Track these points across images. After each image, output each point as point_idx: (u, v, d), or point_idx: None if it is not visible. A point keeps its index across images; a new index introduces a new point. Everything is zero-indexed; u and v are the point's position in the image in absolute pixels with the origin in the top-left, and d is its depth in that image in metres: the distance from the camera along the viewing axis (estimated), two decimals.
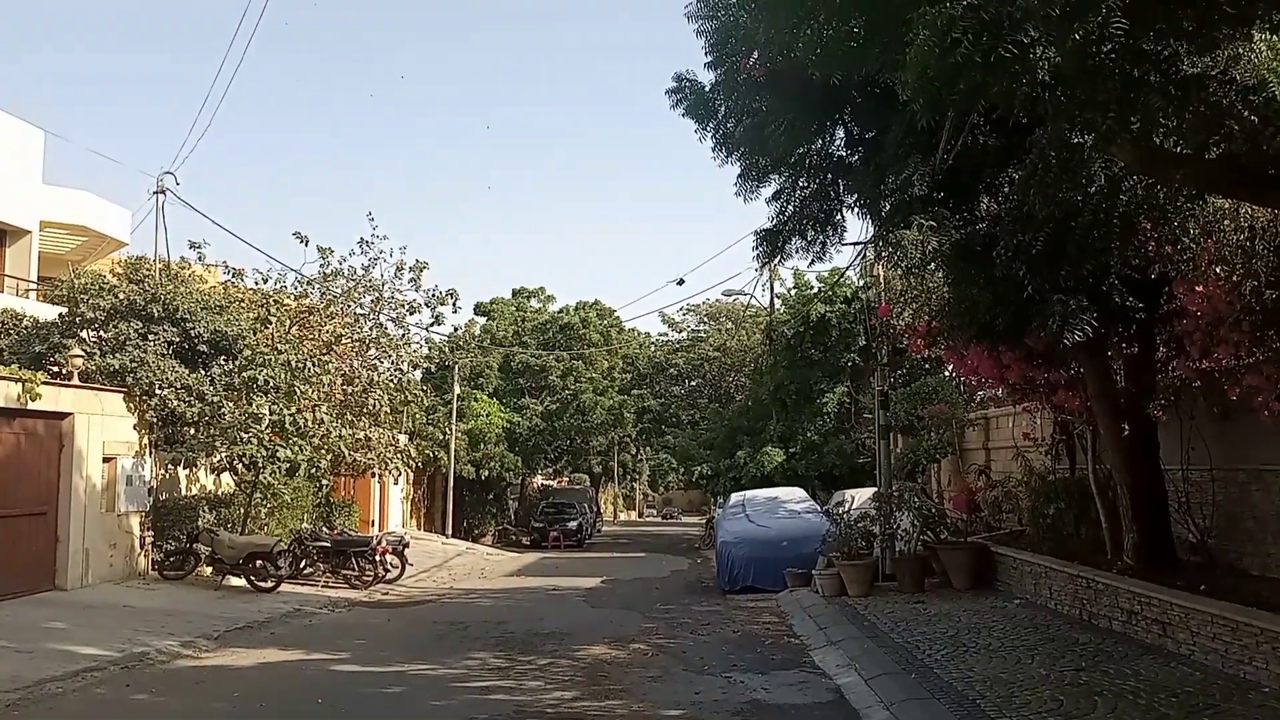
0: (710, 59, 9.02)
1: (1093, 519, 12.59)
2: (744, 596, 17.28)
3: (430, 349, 36.89)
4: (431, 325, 28.76)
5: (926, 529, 15.40)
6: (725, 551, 19.11)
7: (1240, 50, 6.27)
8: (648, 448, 57.44)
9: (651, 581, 21.85)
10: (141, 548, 17.23)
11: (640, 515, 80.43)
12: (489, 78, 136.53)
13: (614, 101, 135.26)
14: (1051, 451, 15.04)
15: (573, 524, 39.39)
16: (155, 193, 22.10)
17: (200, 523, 17.70)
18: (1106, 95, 5.98)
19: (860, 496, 19.53)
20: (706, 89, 9.53)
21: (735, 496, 23.66)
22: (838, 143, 9.72)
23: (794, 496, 22.44)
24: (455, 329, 41.30)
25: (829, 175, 9.88)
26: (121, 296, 18.58)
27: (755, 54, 8.41)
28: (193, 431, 17.87)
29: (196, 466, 18.51)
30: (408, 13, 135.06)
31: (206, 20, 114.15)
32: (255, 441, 17.53)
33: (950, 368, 19.36)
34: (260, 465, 17.70)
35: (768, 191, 10.23)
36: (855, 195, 9.87)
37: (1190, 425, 11.58)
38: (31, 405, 14.70)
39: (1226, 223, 9.03)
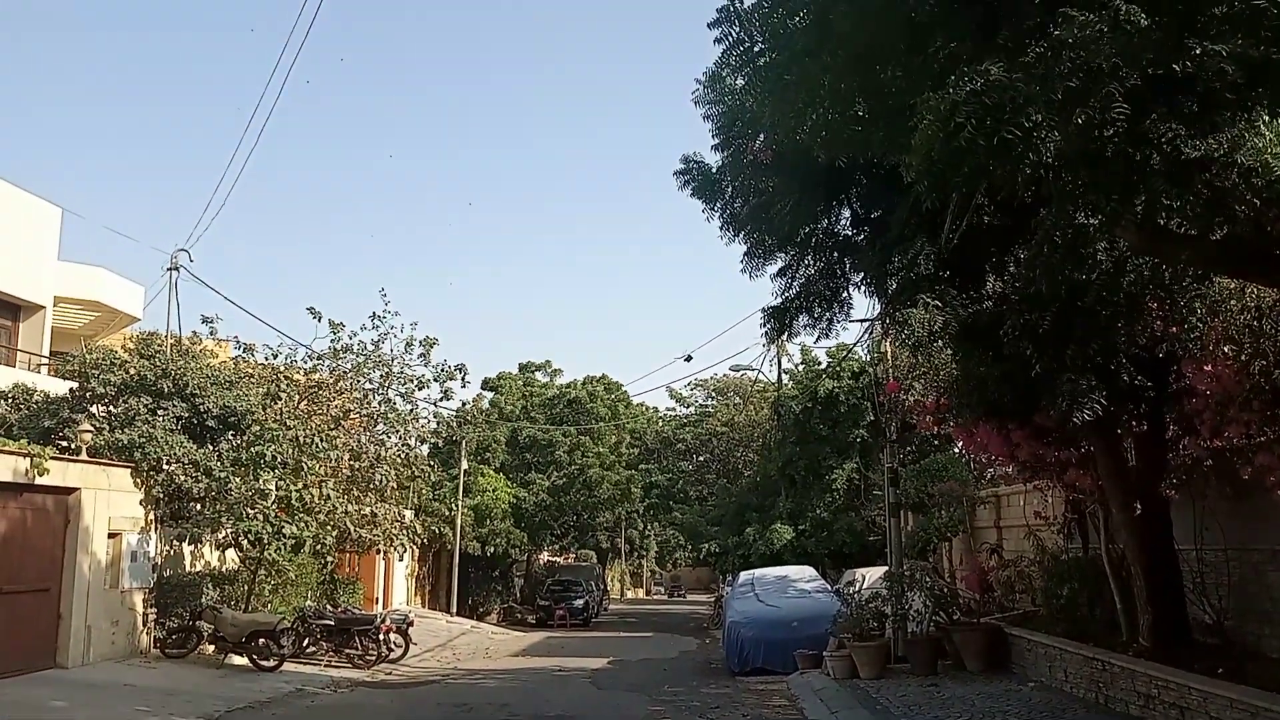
0: (717, 141, 9.20)
1: (1107, 599, 12.40)
2: (754, 678, 16.98)
3: (438, 423, 36.89)
4: (440, 400, 28.82)
5: (939, 609, 15.19)
6: (734, 632, 18.84)
7: (1242, 133, 6.36)
8: (655, 524, 57.00)
9: (659, 662, 21.50)
10: (144, 625, 17.05)
11: (648, 593, 79.47)
12: (498, 154, 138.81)
13: (620, 179, 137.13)
14: (1064, 530, 14.89)
15: (579, 602, 38.90)
16: (169, 269, 22.41)
17: (203, 600, 17.54)
18: (1110, 178, 6.06)
19: (871, 575, 19.30)
20: (713, 170, 9.69)
21: (744, 575, 23.39)
22: (843, 222, 9.85)
23: (804, 575, 22.19)
24: (463, 404, 41.35)
25: (835, 254, 9.99)
26: (132, 372, 18.68)
27: (761, 137, 8.58)
28: (199, 507, 17.82)
29: (201, 542, 18.41)
30: (418, 92, 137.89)
31: (226, 96, 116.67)
32: (261, 517, 17.47)
33: (960, 444, 19.27)
34: (266, 541, 17.60)
35: (774, 269, 10.34)
36: (861, 273, 9.97)
37: (1203, 504, 11.46)
38: (39, 480, 14.69)
39: (1233, 302, 9.06)
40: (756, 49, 7.48)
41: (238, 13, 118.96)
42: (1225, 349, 9.12)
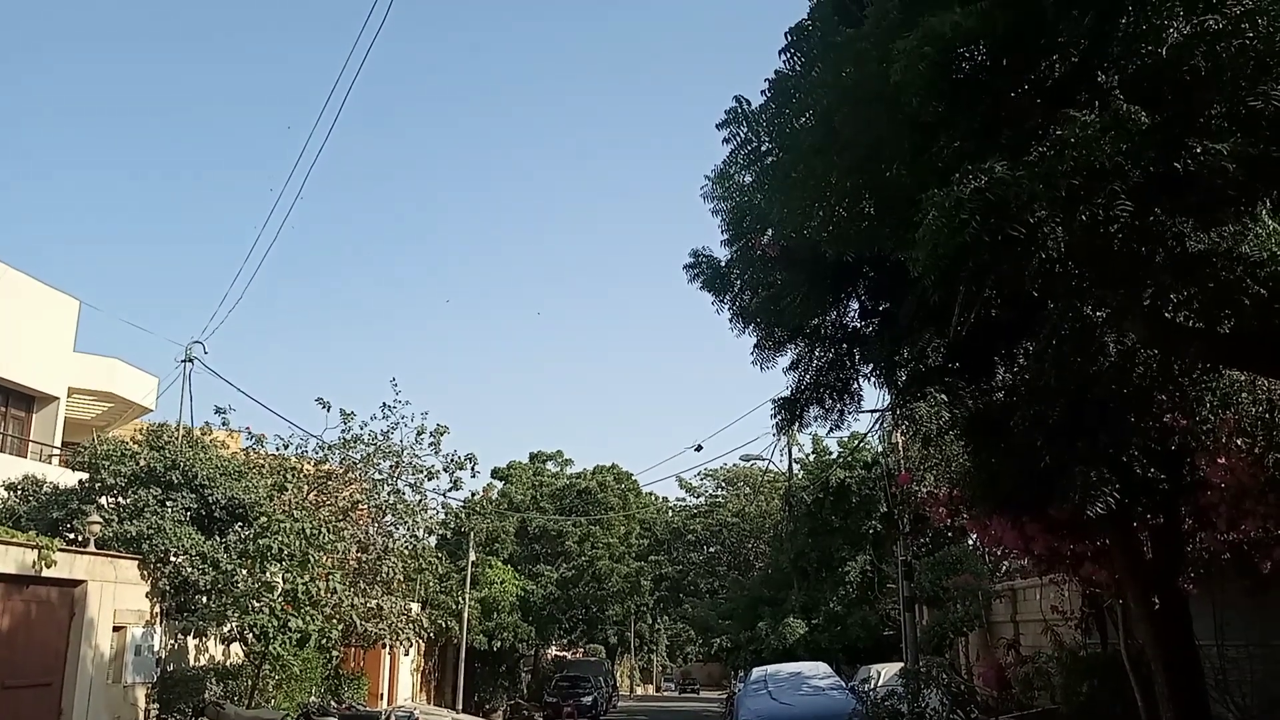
0: (726, 236, 9.29)
1: (1128, 697, 12.10)
2: None
3: (446, 514, 36.68)
4: (450, 490, 28.73)
5: (956, 707, 14.86)
6: None
7: (1246, 226, 6.42)
8: (665, 617, 56.14)
9: None
10: None
11: (658, 689, 77.84)
12: (506, 250, 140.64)
13: (630, 270, 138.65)
14: (1081, 625, 14.62)
15: (587, 699, 38.11)
16: (182, 361, 22.60)
17: (207, 695, 17.28)
18: (1116, 273, 6.11)
19: (886, 672, 18.92)
20: (722, 264, 9.78)
21: (757, 671, 22.94)
22: (852, 314, 9.88)
23: (818, 672, 21.74)
24: (472, 494, 41.19)
25: (844, 345, 10.00)
26: (142, 463, 18.70)
27: (769, 232, 8.68)
28: (205, 600, 17.66)
29: (206, 636, 18.20)
30: (425, 170, 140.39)
31: (250, 185, 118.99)
32: (267, 611, 17.28)
33: (974, 537, 19.06)
34: (271, 635, 17.37)
35: (784, 360, 10.35)
36: (871, 365, 9.97)
37: (1223, 599, 11.28)
38: (46, 572, 14.59)
39: (1244, 395, 9.04)
40: (764, 148, 7.63)
41: (272, 105, 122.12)
42: (1238, 441, 9.06)
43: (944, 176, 5.92)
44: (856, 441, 29.01)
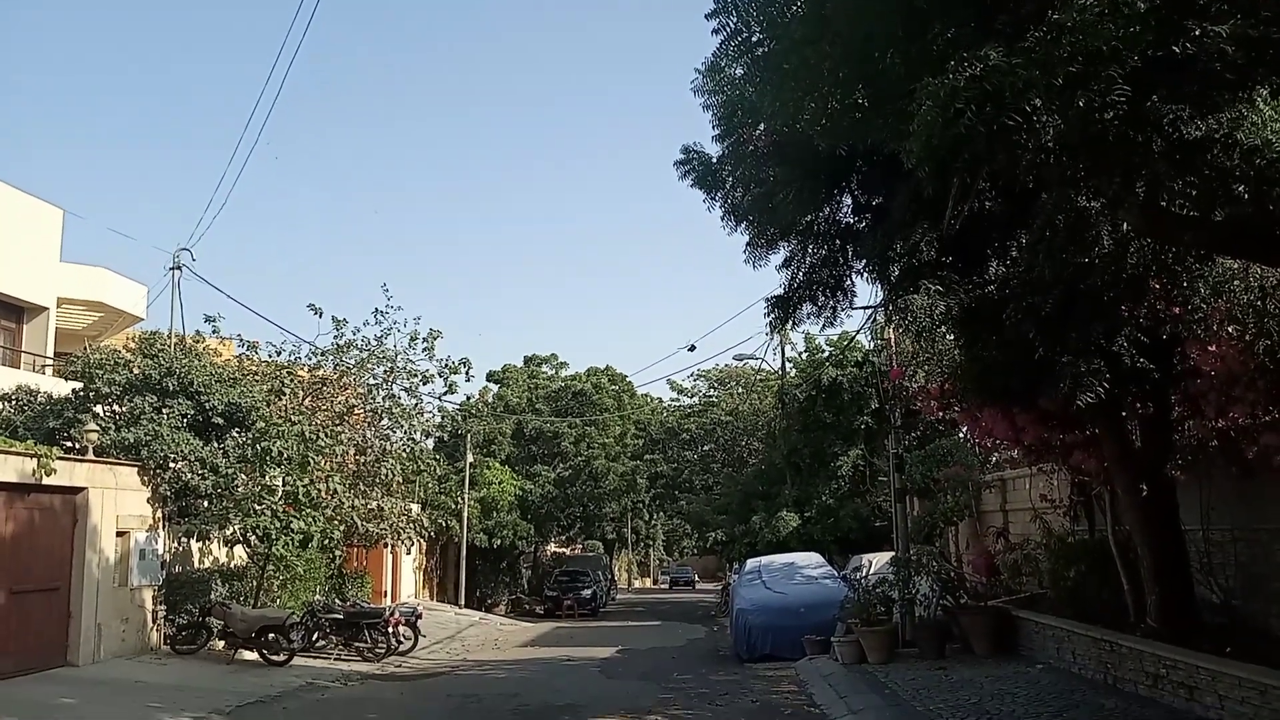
0: (717, 131, 9.15)
1: (1114, 581, 12.42)
2: (762, 665, 17.02)
3: (443, 417, 36.92)
4: (445, 394, 28.87)
5: (946, 593, 15.21)
6: (742, 619, 18.87)
7: (1243, 112, 6.34)
8: (661, 513, 57.03)
9: (668, 651, 21.56)
10: (153, 622, 17.12)
11: (655, 582, 79.58)
12: (502, 143, 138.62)
13: (623, 169, 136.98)
14: (1070, 513, 14.90)
15: (586, 592, 38.99)
16: (171, 269, 22.44)
17: (213, 596, 17.62)
18: (1111, 161, 6.04)
19: (878, 561, 19.33)
20: (714, 160, 9.65)
21: (751, 563, 23.42)
22: (845, 210, 9.81)
23: (811, 562, 22.21)
24: (468, 397, 41.38)
25: (837, 242, 9.95)
26: (136, 371, 18.70)
27: (761, 126, 8.55)
28: (206, 504, 17.88)
29: (209, 539, 18.47)
30: (423, 84, 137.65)
31: (226, 95, 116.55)
32: (268, 513, 17.52)
33: (965, 429, 19.27)
34: (273, 537, 17.64)
35: (777, 258, 10.31)
36: (864, 261, 9.95)
37: (1209, 485, 11.48)
38: (46, 480, 14.72)
39: (1236, 283, 9.04)
40: (754, 39, 7.45)
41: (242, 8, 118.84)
42: (1229, 329, 9.11)
43: (938, 65, 5.81)
44: (849, 339, 29.09)
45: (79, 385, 18.99)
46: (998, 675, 12.31)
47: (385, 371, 26.02)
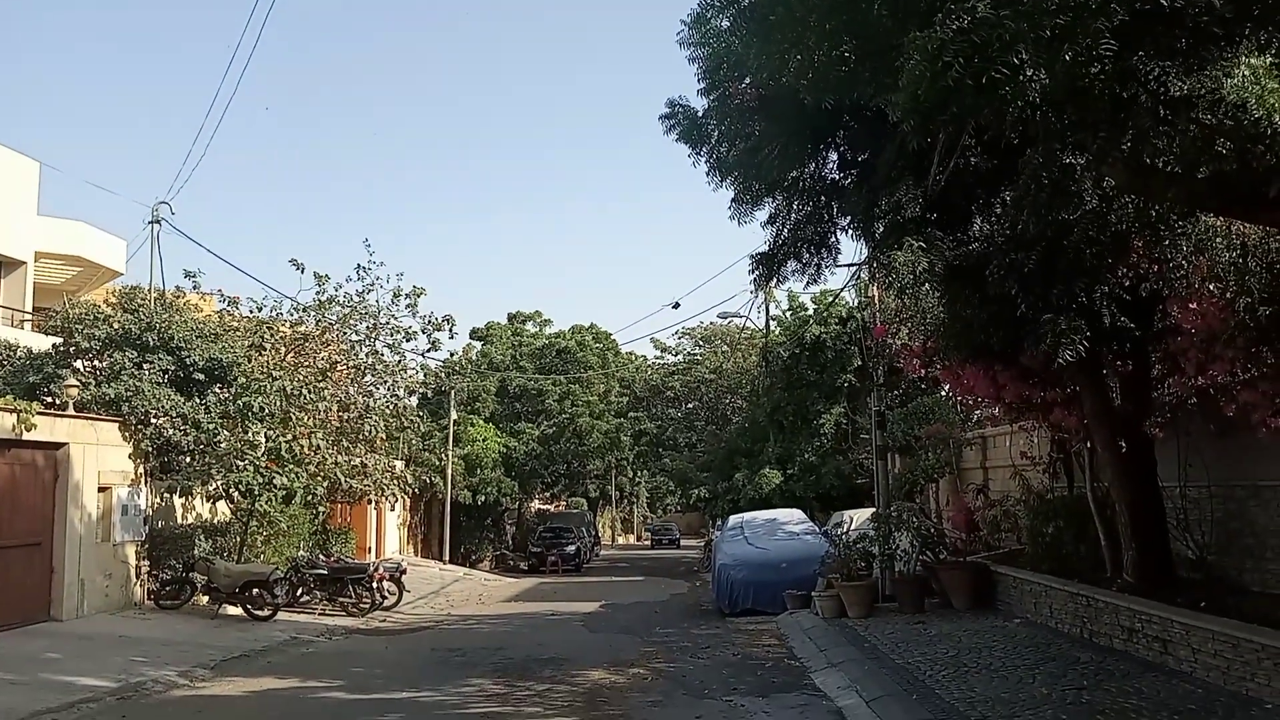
0: (703, 85, 9.05)
1: (1091, 537, 12.57)
2: (743, 619, 17.21)
3: (426, 374, 36.86)
4: (428, 351, 28.77)
5: (926, 549, 15.37)
6: (724, 574, 19.04)
7: (1229, 69, 6.31)
8: (645, 471, 57.28)
9: (650, 605, 21.76)
10: (137, 577, 17.15)
11: (639, 539, 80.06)
12: (484, 102, 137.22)
13: (606, 126, 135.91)
14: (1049, 470, 15.05)
15: (570, 548, 39.26)
16: (150, 222, 22.19)
17: (196, 551, 17.62)
18: (1097, 116, 6.02)
19: (859, 517, 19.49)
20: (699, 114, 9.55)
21: (733, 519, 23.58)
22: (830, 166, 9.75)
23: (792, 518, 22.37)
24: (452, 354, 41.27)
25: (822, 198, 9.90)
26: (116, 326, 18.55)
27: (747, 79, 8.46)
28: (188, 460, 17.84)
29: (192, 495, 18.45)
30: (402, 35, 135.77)
31: (204, 45, 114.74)
32: (251, 469, 17.51)
33: (947, 387, 19.38)
34: (256, 493, 17.65)
35: (762, 215, 10.25)
36: (849, 217, 9.90)
37: (1187, 442, 11.59)
38: (26, 436, 14.65)
39: (1219, 240, 9.05)
40: None
41: None
42: (1210, 287, 9.14)
43: (926, 17, 5.75)
44: (832, 297, 29.10)
45: (58, 340, 18.85)
46: (975, 629, 12.48)
47: (368, 328, 25.90)
